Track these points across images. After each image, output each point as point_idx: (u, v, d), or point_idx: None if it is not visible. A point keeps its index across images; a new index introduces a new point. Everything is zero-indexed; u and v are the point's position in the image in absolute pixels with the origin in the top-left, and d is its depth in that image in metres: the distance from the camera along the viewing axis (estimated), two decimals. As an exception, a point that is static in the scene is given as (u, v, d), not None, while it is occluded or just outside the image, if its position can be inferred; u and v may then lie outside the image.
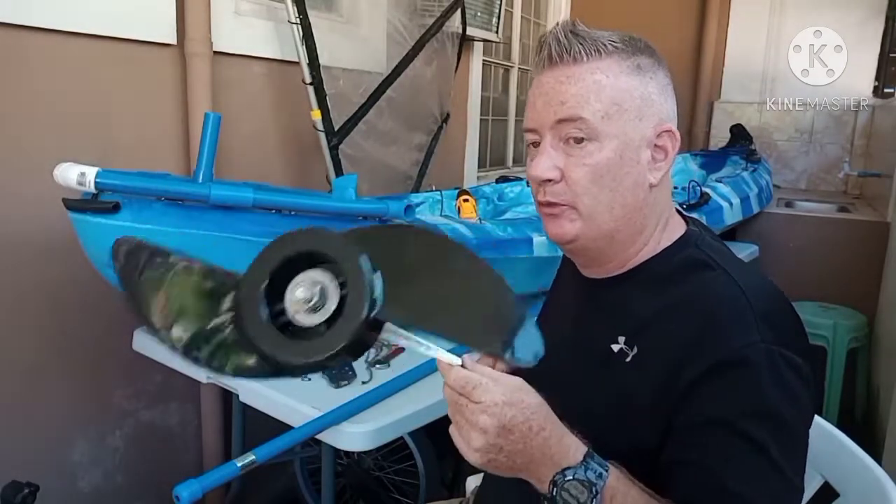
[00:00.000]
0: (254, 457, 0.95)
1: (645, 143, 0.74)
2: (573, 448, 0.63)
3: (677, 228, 0.80)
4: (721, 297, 0.70)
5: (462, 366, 0.62)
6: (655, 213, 0.77)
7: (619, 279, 0.79)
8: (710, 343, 0.67)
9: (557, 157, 0.73)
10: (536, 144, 0.76)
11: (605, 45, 0.72)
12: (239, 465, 0.93)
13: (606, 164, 0.72)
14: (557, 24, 0.75)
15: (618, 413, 0.72)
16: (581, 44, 0.72)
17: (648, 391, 0.70)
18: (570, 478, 0.61)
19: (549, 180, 0.74)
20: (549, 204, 0.75)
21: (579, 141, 0.72)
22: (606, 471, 0.62)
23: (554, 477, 0.61)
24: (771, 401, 0.65)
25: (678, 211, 0.83)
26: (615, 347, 0.74)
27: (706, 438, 0.66)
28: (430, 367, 1.15)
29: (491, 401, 0.60)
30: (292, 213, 1.19)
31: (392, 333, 0.58)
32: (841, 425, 0.96)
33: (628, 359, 0.73)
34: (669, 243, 0.78)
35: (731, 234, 2.85)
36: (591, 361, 0.77)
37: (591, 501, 0.60)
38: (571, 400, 0.79)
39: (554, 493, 0.61)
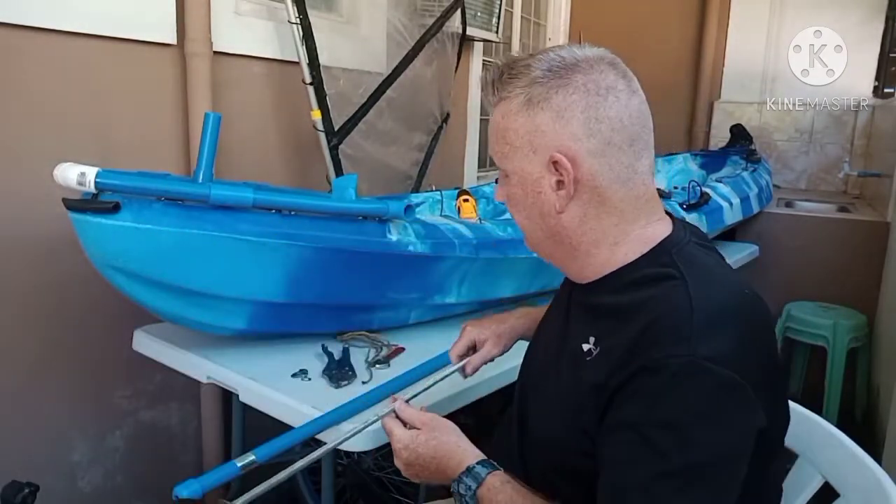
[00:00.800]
0: (254, 457, 0.95)
1: (547, 173, 0.76)
2: (454, 466, 0.79)
3: (653, 237, 0.78)
4: (666, 307, 0.70)
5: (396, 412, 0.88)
6: (589, 234, 0.78)
7: (595, 284, 0.80)
8: (640, 349, 0.68)
9: (502, 184, 0.83)
10: None
11: (503, 86, 0.77)
12: (239, 465, 0.93)
13: (516, 197, 0.80)
14: (498, 64, 0.79)
15: (570, 411, 0.75)
16: (495, 89, 0.78)
17: (589, 393, 0.72)
18: (452, 490, 0.79)
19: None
20: None
21: (504, 177, 0.81)
22: (476, 482, 0.77)
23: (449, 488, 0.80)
24: (682, 413, 0.64)
25: (668, 213, 0.82)
26: (585, 347, 0.77)
27: (615, 440, 0.68)
28: (430, 367, 1.15)
29: (396, 447, 0.84)
30: (292, 213, 1.19)
31: None
32: (841, 425, 0.96)
33: (590, 358, 0.75)
34: (644, 251, 0.77)
35: (731, 234, 2.84)
36: (568, 359, 0.80)
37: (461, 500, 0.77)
38: (553, 397, 0.82)
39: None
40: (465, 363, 1.04)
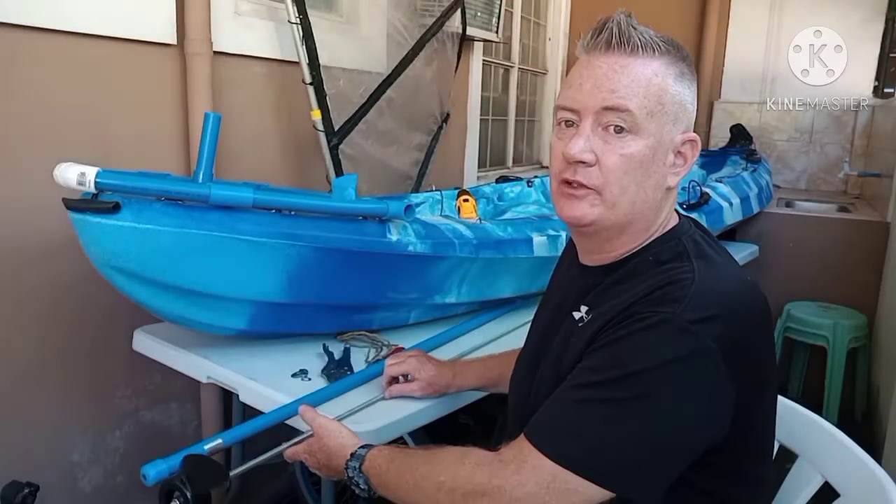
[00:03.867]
0: (220, 440, 0.99)
1: (672, 147, 0.77)
2: (341, 455, 0.86)
3: (671, 223, 0.83)
4: (669, 281, 0.72)
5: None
6: (664, 212, 0.81)
7: (610, 268, 0.82)
8: (633, 309, 0.71)
9: (595, 141, 0.75)
10: (570, 124, 0.77)
11: (658, 44, 0.76)
12: (206, 447, 0.95)
13: (640, 158, 0.75)
14: (618, 11, 0.77)
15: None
16: (640, 37, 0.75)
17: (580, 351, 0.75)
18: (346, 479, 0.85)
19: (583, 162, 0.75)
20: (576, 185, 0.76)
21: (619, 131, 0.74)
22: (359, 461, 0.83)
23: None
24: (647, 355, 0.67)
25: (676, 210, 0.86)
26: (576, 315, 0.80)
27: (579, 367, 0.72)
28: (369, 374, 1.20)
29: (304, 459, 0.94)
30: (292, 213, 1.19)
31: None
32: (841, 425, 0.96)
33: (581, 323, 0.78)
34: (658, 235, 0.81)
35: (731, 234, 2.85)
36: (563, 332, 0.82)
37: (356, 485, 0.83)
38: (548, 375, 0.83)
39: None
40: (390, 389, 1.12)
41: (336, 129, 1.83)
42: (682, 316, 0.67)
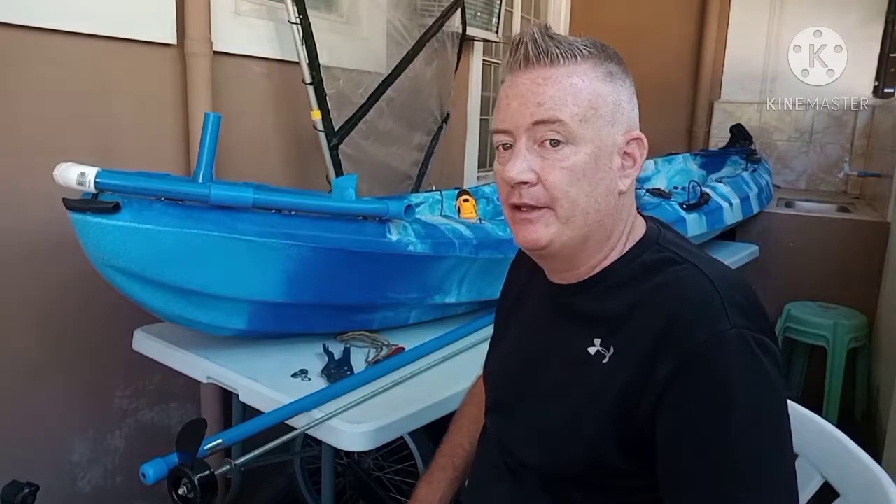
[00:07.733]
0: (221, 440, 0.98)
1: (616, 150, 0.74)
2: None
3: (639, 229, 0.80)
4: (688, 287, 0.70)
5: None
6: (623, 218, 0.78)
7: (587, 283, 0.79)
8: (677, 334, 0.67)
9: (532, 159, 0.73)
10: (507, 146, 0.75)
11: (580, 49, 0.73)
12: (206, 447, 0.94)
13: (583, 167, 0.72)
14: (532, 26, 0.75)
15: (597, 415, 0.72)
16: (558, 47, 0.72)
17: (624, 389, 0.70)
18: None
19: (525, 182, 0.73)
20: (525, 207, 0.74)
21: (555, 144, 0.72)
22: None
23: None
24: (745, 395, 0.65)
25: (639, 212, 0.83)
26: (591, 350, 0.75)
27: (692, 463, 0.66)
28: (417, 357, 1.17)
29: None
30: (292, 213, 1.19)
31: None
32: (841, 425, 0.95)
33: (605, 360, 0.74)
34: (633, 244, 0.79)
35: (731, 234, 2.84)
36: (570, 367, 0.77)
37: None
38: (553, 408, 0.79)
39: None
40: None
41: (336, 129, 1.83)
42: (735, 328, 0.66)
